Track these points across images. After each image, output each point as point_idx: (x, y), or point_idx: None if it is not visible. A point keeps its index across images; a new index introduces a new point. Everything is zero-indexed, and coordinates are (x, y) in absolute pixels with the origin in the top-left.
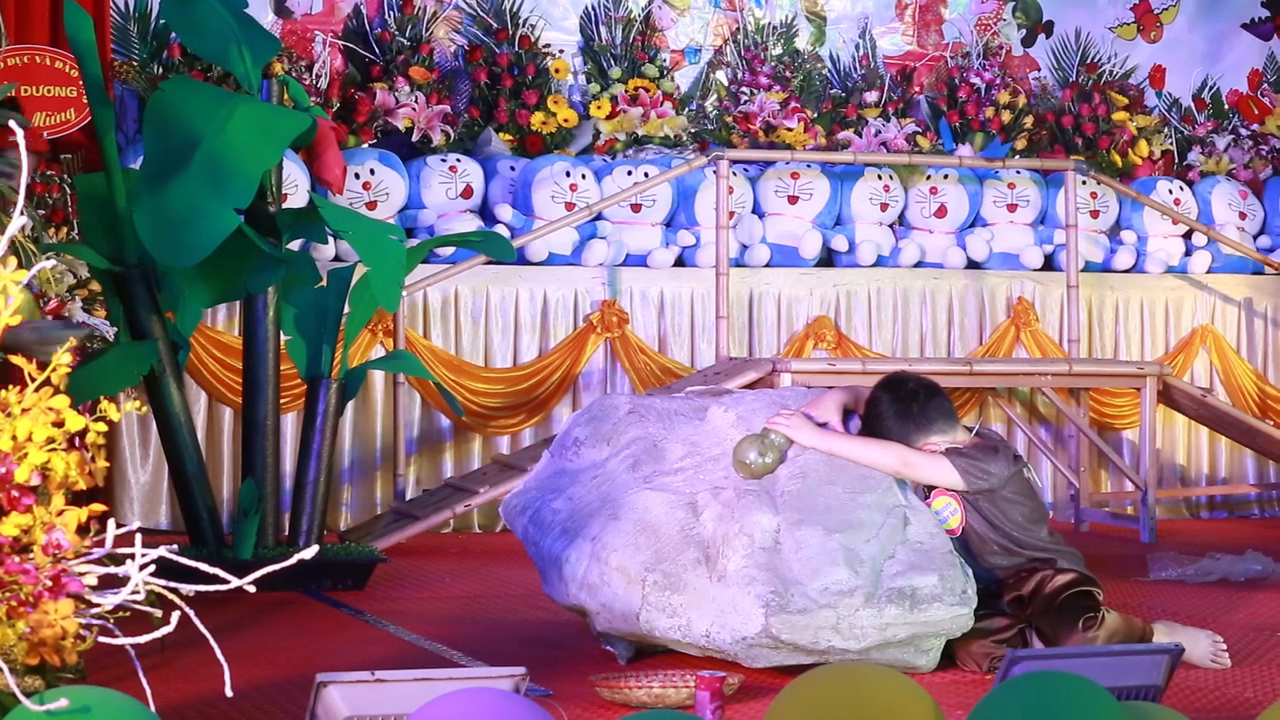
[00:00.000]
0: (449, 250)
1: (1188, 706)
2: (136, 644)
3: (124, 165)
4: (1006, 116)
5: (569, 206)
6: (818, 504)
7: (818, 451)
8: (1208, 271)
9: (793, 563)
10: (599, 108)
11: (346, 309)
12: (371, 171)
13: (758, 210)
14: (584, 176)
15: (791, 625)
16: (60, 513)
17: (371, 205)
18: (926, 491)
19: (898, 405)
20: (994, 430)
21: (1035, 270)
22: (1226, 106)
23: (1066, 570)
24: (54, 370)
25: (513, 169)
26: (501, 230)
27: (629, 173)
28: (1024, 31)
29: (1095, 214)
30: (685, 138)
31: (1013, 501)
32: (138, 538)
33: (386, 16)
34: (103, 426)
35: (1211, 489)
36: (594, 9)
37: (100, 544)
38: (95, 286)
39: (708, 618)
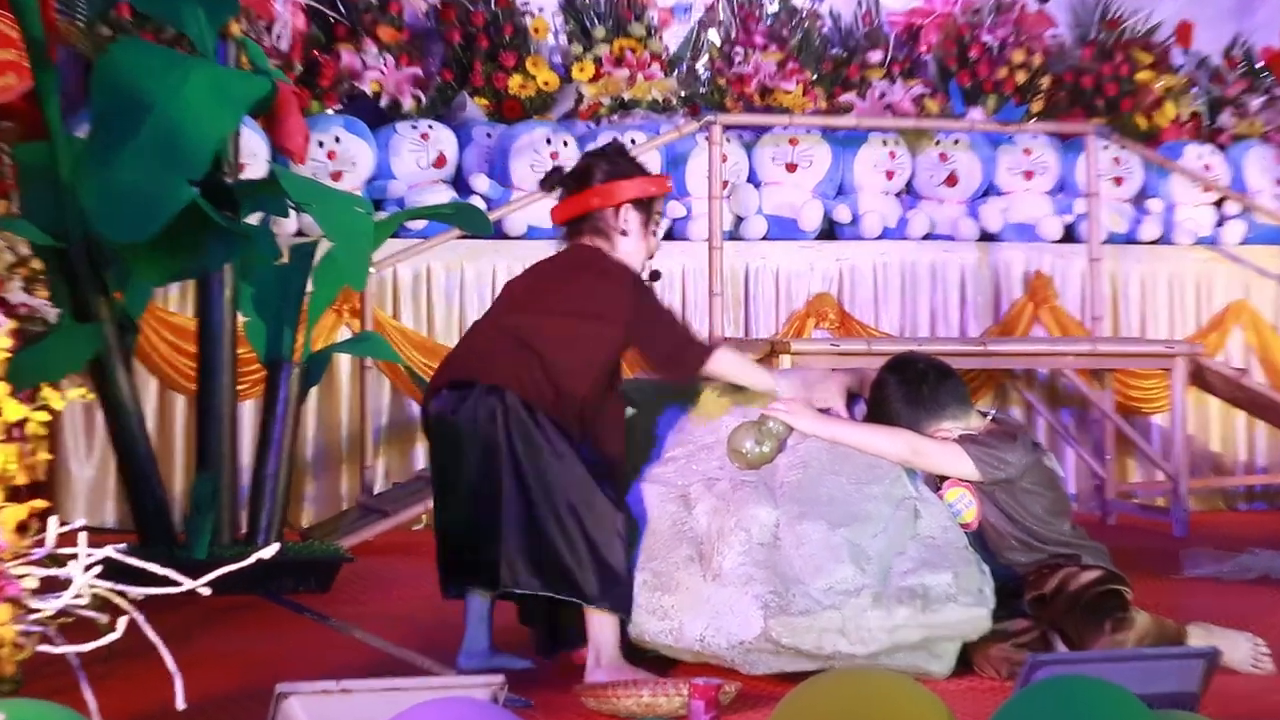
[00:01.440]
0: (420, 224)
1: (1226, 715)
2: (80, 652)
3: (68, 133)
4: (1021, 77)
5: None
6: (820, 496)
7: (820, 439)
8: (1241, 243)
9: (794, 560)
10: (581, 70)
11: (309, 288)
12: (336, 139)
13: (753, 179)
14: (565, 144)
15: (793, 628)
16: None
17: (336, 176)
18: (938, 483)
19: (906, 388)
20: (1011, 416)
21: (1054, 242)
22: (1259, 64)
23: (1092, 567)
24: None
25: (489, 136)
26: (477, 202)
27: (620, 148)
28: None
29: (1118, 181)
30: (675, 102)
31: (1032, 493)
32: (82, 537)
33: None
34: (44, 416)
35: (1249, 478)
36: None
37: (41, 544)
38: (37, 265)
39: (702, 620)
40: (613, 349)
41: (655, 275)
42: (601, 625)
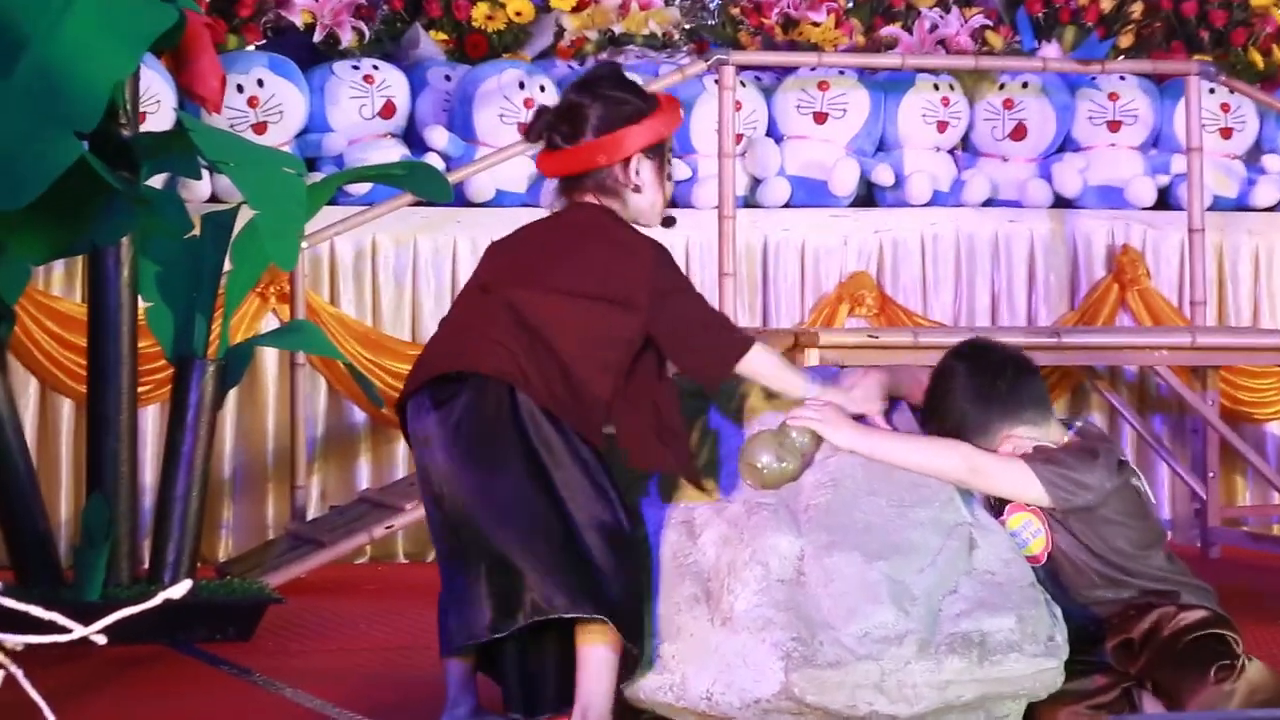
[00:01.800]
0: (364, 188)
1: None
2: None
3: None
4: (1107, 3)
5: (523, 129)
6: (854, 522)
7: (855, 454)
8: None
9: (821, 600)
10: None
11: (227, 266)
12: (260, 83)
13: (774, 133)
14: (543, 89)
15: (820, 683)
16: None
17: (260, 128)
18: (998, 506)
19: (977, 380)
20: (1096, 425)
21: (1146, 209)
22: None
23: (1194, 607)
24: None
25: (448, 79)
26: (434, 160)
27: (608, 63)
28: None
29: (1227, 133)
30: (677, 37)
31: (1115, 523)
32: None
33: None
34: None
35: None
36: None
37: None
38: None
39: (709, 673)
40: (632, 345)
41: (670, 221)
42: (598, 672)
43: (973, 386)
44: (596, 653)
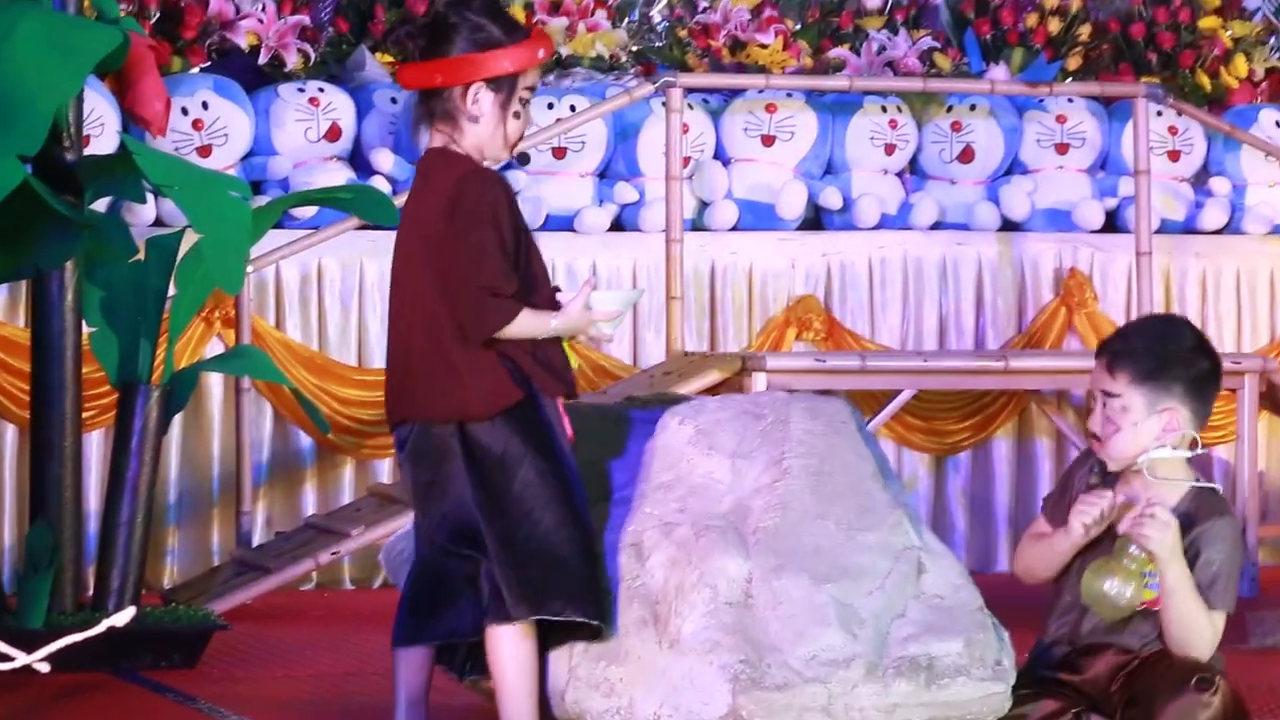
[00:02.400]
0: (310, 211)
1: None
2: None
3: None
4: (1055, 26)
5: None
6: (803, 545)
7: (1165, 585)
8: None
9: (769, 623)
10: None
11: (172, 291)
12: (204, 106)
13: (722, 155)
14: None
15: (768, 705)
16: None
17: (205, 151)
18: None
19: (1202, 348)
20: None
21: (1093, 232)
22: None
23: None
24: None
25: (394, 102)
26: (380, 184)
27: (550, 106)
28: None
29: (1175, 156)
30: (625, 59)
31: None
32: None
33: None
34: None
35: None
36: None
37: None
38: None
39: (656, 696)
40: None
41: (524, 158)
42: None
43: (1192, 349)
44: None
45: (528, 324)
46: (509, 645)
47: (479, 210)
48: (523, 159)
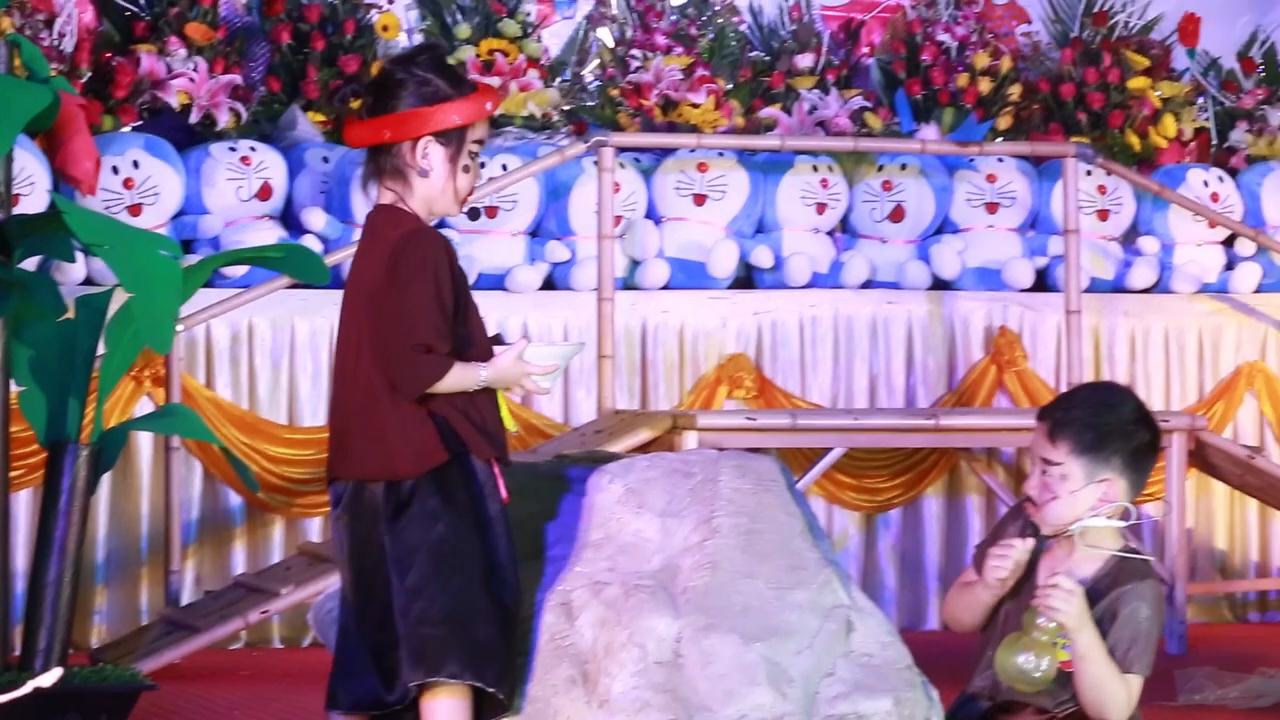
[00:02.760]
0: (241, 270)
1: None
2: None
3: None
4: (985, 86)
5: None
6: (732, 604)
7: (1076, 651)
8: (1256, 290)
9: (699, 682)
10: None
11: (101, 350)
12: (135, 164)
13: (653, 214)
14: None
15: None
16: None
17: (135, 210)
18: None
19: (1143, 420)
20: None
21: (1023, 291)
22: None
23: None
24: None
25: (326, 161)
26: (311, 243)
27: (482, 165)
28: None
29: (1104, 215)
30: (557, 118)
31: None
32: None
33: None
34: None
35: (1262, 583)
36: None
37: None
38: None
39: None
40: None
41: (474, 213)
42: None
43: (1133, 420)
44: (442, 705)
45: (458, 378)
46: (442, 712)
47: (417, 268)
48: (473, 214)
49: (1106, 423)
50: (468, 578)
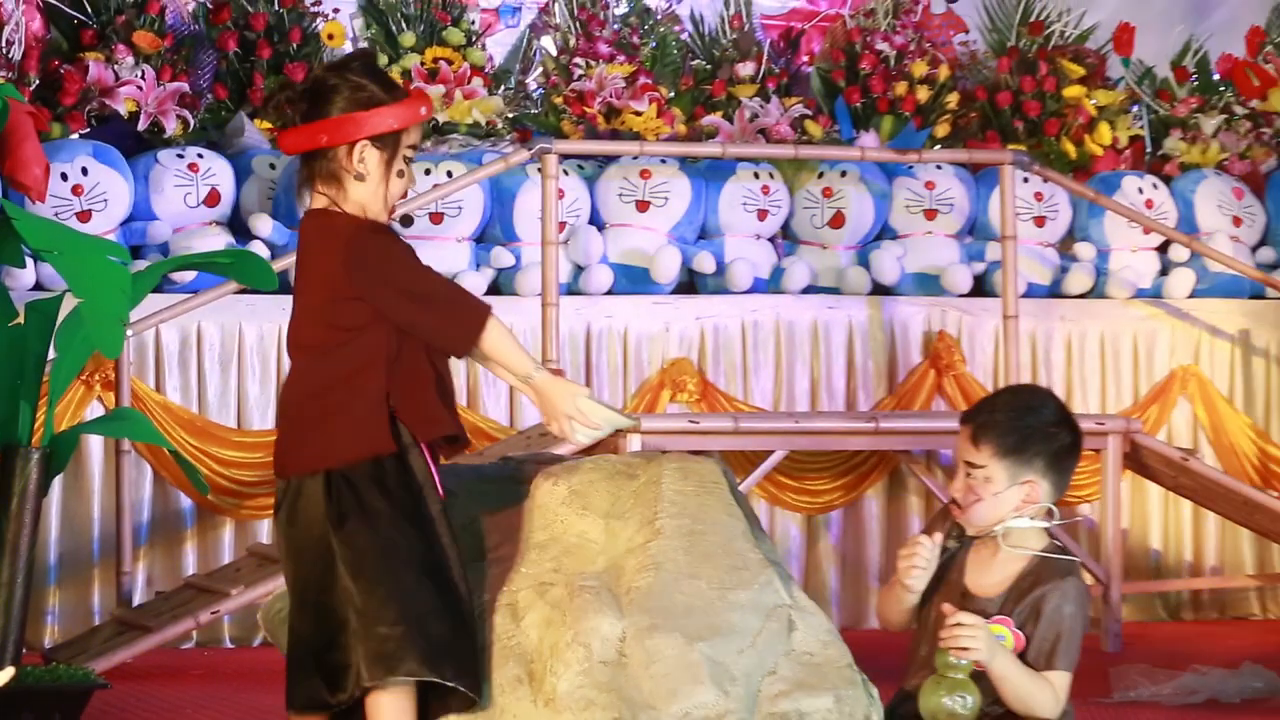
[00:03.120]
0: (189, 275)
1: None
2: None
3: None
4: (924, 94)
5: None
6: (675, 604)
7: (994, 675)
8: (1190, 296)
9: (642, 681)
10: None
11: (52, 354)
12: (84, 171)
13: (597, 220)
14: None
15: None
16: None
17: (84, 216)
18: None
19: (1064, 422)
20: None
21: (961, 296)
22: (1216, 77)
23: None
24: None
25: (273, 168)
26: (259, 249)
27: (427, 171)
28: None
29: (1041, 221)
30: (501, 125)
31: None
32: None
33: None
34: None
35: (1195, 582)
36: None
37: None
38: None
39: None
40: (375, 328)
41: (406, 220)
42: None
43: (1054, 423)
44: (387, 702)
45: (509, 343)
46: (387, 710)
47: (385, 251)
48: (405, 221)
49: (1028, 425)
50: (416, 577)
